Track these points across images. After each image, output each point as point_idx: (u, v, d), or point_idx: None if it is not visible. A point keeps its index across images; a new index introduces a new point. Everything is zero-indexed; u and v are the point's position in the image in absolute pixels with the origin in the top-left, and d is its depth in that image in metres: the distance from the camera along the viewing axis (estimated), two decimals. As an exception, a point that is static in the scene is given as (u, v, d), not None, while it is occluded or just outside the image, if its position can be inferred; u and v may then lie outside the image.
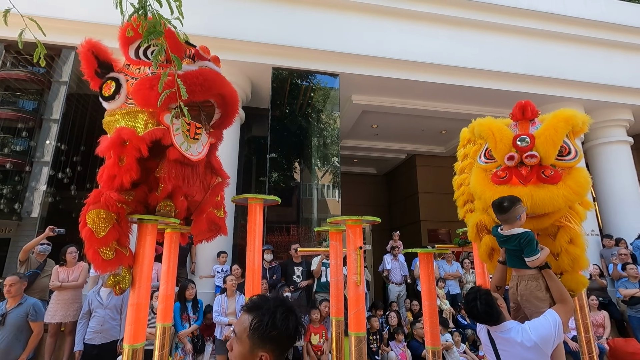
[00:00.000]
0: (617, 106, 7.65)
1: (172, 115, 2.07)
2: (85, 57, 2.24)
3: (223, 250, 5.49)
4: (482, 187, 2.22)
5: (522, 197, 2.06)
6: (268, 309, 1.09)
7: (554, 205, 2.04)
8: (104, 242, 1.98)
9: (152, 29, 1.61)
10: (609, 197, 7.60)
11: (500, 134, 2.23)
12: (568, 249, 2.25)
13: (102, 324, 3.87)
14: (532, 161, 2.13)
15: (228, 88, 2.23)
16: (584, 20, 7.27)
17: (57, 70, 6.49)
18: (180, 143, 2.09)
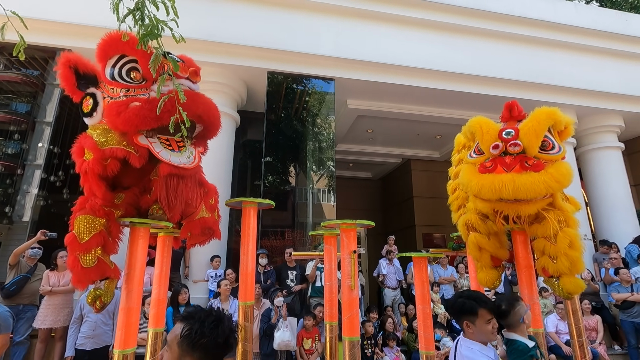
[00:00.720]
0: (608, 112, 7.77)
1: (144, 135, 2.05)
2: (63, 73, 2.22)
3: (217, 255, 5.46)
4: (469, 176, 2.32)
5: (504, 182, 2.13)
6: (199, 318, 1.16)
7: (534, 190, 2.10)
8: (85, 247, 1.95)
9: (149, 31, 1.61)
10: (601, 202, 7.68)
11: (487, 127, 2.38)
12: (567, 252, 2.29)
13: (94, 329, 3.81)
14: (515, 149, 2.24)
15: (203, 107, 2.18)
16: (575, 28, 7.39)
17: (52, 73, 6.45)
18: (168, 157, 2.07)
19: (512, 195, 2.12)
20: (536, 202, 2.21)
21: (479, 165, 2.32)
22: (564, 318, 5.21)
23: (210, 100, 2.26)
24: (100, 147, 2.02)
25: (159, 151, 2.06)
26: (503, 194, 2.14)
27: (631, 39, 7.65)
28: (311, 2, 6.37)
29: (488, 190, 2.19)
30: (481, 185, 2.22)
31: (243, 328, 2.39)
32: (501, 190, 2.14)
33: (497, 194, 2.16)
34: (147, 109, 1.95)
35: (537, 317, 2.48)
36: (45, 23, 5.58)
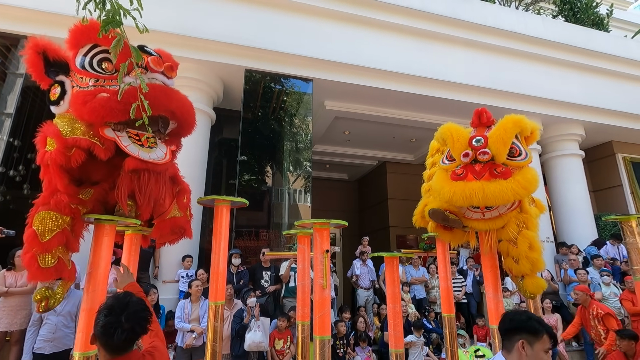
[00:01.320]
0: (571, 121, 8.21)
1: (112, 128, 1.98)
2: (31, 58, 2.10)
3: (189, 255, 5.33)
4: (442, 183, 2.41)
5: (474, 190, 2.22)
6: (100, 310, 1.38)
7: (503, 197, 2.21)
8: (46, 247, 1.84)
9: (111, 19, 1.56)
10: (563, 206, 8.10)
11: (457, 135, 2.46)
12: (528, 255, 2.43)
13: (54, 331, 3.62)
14: (484, 157, 2.34)
15: (177, 103, 2.11)
16: (543, 41, 7.77)
17: (14, 62, 6.10)
18: (137, 152, 1.99)
19: (482, 203, 2.23)
20: (505, 216, 2.33)
21: (450, 173, 2.41)
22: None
23: (185, 97, 2.20)
24: (64, 137, 1.92)
25: (126, 145, 1.98)
26: (473, 201, 2.24)
27: (593, 53, 8.13)
28: (291, 1, 6.36)
29: (459, 198, 2.28)
30: (453, 192, 2.31)
31: (213, 328, 2.35)
32: (472, 197, 2.23)
33: (467, 201, 2.25)
34: (114, 101, 1.87)
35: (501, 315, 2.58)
36: (8, 8, 5.27)
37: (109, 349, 1.34)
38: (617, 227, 7.95)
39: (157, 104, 1.95)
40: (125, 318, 1.33)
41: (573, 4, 9.71)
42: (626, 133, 8.76)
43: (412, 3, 6.91)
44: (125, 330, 1.32)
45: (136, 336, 1.38)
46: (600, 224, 8.18)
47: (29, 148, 6.79)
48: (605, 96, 8.23)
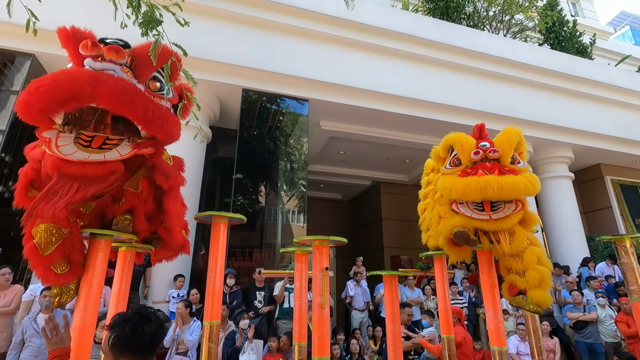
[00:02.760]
0: (560, 144, 8.41)
1: (57, 129, 1.79)
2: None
3: (181, 274, 5.20)
4: (451, 180, 2.42)
5: (489, 181, 2.25)
6: (121, 323, 1.32)
7: (517, 189, 2.23)
8: (49, 260, 1.77)
9: (150, 18, 1.56)
10: (554, 228, 8.18)
11: (465, 138, 2.57)
12: (536, 267, 2.40)
13: (36, 355, 3.45)
14: (495, 155, 2.42)
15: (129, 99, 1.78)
16: (531, 66, 8.06)
17: (9, 77, 6.08)
18: (70, 153, 1.75)
19: (497, 194, 2.22)
20: (512, 217, 2.33)
21: (459, 172, 2.44)
22: (524, 339, 5.37)
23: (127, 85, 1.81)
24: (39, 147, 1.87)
25: (61, 145, 1.75)
26: (488, 193, 2.23)
27: (578, 79, 8.45)
28: (288, 25, 6.53)
29: (473, 190, 2.26)
30: (466, 184, 2.30)
31: (207, 349, 2.27)
32: (486, 189, 2.23)
33: (482, 192, 2.24)
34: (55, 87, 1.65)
35: (501, 336, 2.54)
36: (2, 25, 5.28)
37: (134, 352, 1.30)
38: (609, 248, 8.03)
39: (104, 100, 1.71)
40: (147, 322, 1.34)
41: (558, 32, 10.17)
42: (613, 156, 9.00)
43: (406, 29, 7.16)
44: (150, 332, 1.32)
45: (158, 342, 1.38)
46: (592, 245, 8.24)
47: (20, 164, 6.69)
48: (592, 120, 8.49)
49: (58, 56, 5.48)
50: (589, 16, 17.46)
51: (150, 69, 2.05)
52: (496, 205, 2.37)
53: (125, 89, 1.77)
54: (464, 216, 2.48)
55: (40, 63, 5.74)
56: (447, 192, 2.46)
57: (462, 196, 2.34)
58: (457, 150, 2.55)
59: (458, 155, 2.53)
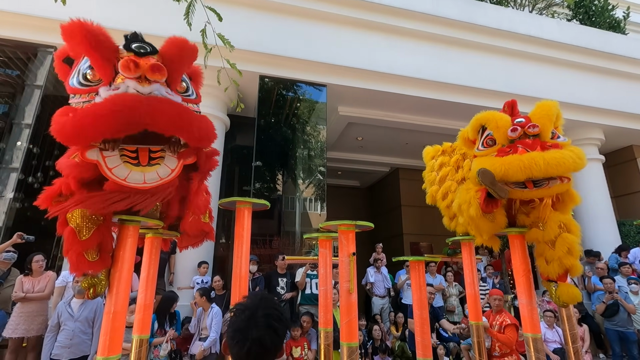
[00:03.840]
0: (590, 125, 8.02)
1: (97, 149, 1.73)
2: (58, 68, 2.03)
3: (204, 261, 5.29)
4: (490, 162, 2.19)
5: (534, 158, 2.04)
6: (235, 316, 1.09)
7: (565, 164, 2.03)
8: (87, 245, 1.78)
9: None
10: (585, 212, 7.86)
11: (499, 116, 2.34)
12: (562, 259, 2.26)
13: (71, 338, 3.58)
14: (534, 130, 2.19)
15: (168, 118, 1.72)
16: (559, 44, 7.65)
17: (33, 71, 6.20)
18: (127, 174, 1.75)
19: (544, 171, 2.01)
20: (557, 186, 2.14)
21: (496, 152, 2.26)
22: (551, 326, 5.24)
23: (180, 108, 1.80)
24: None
25: (112, 167, 1.74)
26: (534, 171, 2.02)
27: (610, 56, 7.98)
28: (305, 8, 6.39)
29: (517, 169, 2.05)
30: (508, 164, 2.08)
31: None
32: (531, 167, 2.02)
33: (526, 171, 2.03)
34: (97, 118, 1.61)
35: (535, 323, 2.46)
36: (26, 18, 5.36)
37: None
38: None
39: (143, 120, 1.65)
40: (254, 324, 1.05)
41: (588, 7, 9.59)
42: (647, 137, 8.53)
43: (426, 8, 6.88)
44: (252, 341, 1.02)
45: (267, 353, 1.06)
46: (623, 230, 7.91)
47: (47, 156, 6.89)
48: (624, 99, 8.04)
49: (78, 47, 5.54)
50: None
51: (178, 72, 1.95)
52: (539, 183, 2.15)
53: (181, 114, 1.76)
54: None
55: (62, 55, 5.80)
56: (487, 172, 2.22)
57: (505, 177, 2.11)
58: (490, 129, 2.35)
59: (492, 135, 2.35)
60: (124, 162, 1.75)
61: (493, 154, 2.27)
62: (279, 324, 1.07)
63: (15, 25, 5.41)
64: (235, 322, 1.07)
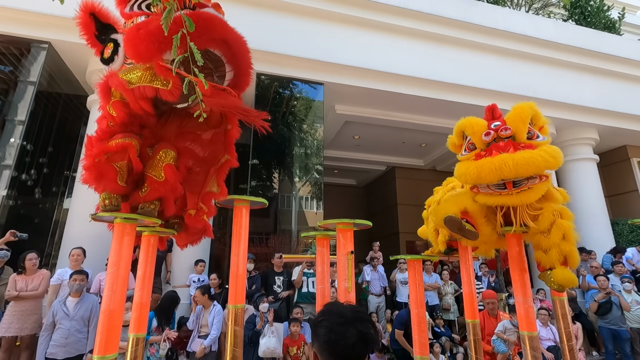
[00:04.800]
0: (585, 125, 8.09)
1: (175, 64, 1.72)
2: (84, 21, 2.04)
3: (201, 259, 5.27)
4: (466, 165, 2.29)
5: (503, 160, 2.10)
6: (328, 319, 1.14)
7: (534, 164, 2.07)
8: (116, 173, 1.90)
9: None
10: (578, 211, 7.89)
11: (476, 121, 2.42)
12: (560, 245, 2.30)
13: (66, 336, 3.55)
14: (506, 132, 2.26)
15: (232, 34, 1.89)
16: (555, 44, 7.70)
17: (26, 67, 6.10)
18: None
19: (514, 172, 2.07)
20: (536, 188, 2.20)
21: (474, 157, 2.33)
22: (545, 324, 5.29)
23: (237, 32, 1.95)
24: (129, 89, 1.81)
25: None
26: (504, 172, 2.09)
27: (605, 56, 8.04)
28: (302, 6, 6.36)
29: (488, 171, 2.13)
30: (480, 166, 2.17)
31: (233, 332, 2.27)
32: (501, 168, 2.09)
33: (497, 173, 2.11)
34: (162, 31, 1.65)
35: (531, 321, 2.47)
36: (19, 12, 5.26)
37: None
38: (634, 233, 7.78)
39: (209, 29, 1.73)
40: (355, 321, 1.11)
41: (584, 7, 9.65)
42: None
43: (423, 7, 6.89)
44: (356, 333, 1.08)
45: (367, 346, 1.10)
46: (617, 229, 7.99)
47: (41, 153, 6.82)
48: (619, 99, 8.11)
49: (74, 44, 5.47)
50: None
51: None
52: (518, 182, 2.21)
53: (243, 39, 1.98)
54: (485, 194, 2.35)
55: (57, 51, 5.73)
56: (463, 178, 2.34)
57: (478, 179, 2.19)
58: (468, 134, 2.43)
59: (472, 140, 2.42)
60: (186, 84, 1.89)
61: (472, 158, 2.33)
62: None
63: (8, 20, 5.33)
64: (331, 324, 1.11)
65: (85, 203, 5.02)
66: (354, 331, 1.09)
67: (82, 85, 6.47)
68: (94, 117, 5.80)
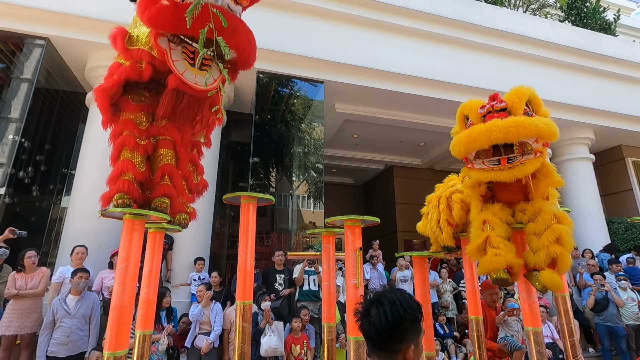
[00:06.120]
0: (581, 125, 8.18)
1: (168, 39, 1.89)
2: None
3: (201, 257, 5.25)
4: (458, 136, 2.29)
5: (493, 123, 2.10)
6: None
7: (525, 126, 2.04)
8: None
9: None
10: (574, 210, 8.01)
11: (474, 100, 2.41)
12: (549, 248, 2.26)
13: (68, 334, 3.52)
14: (501, 105, 2.23)
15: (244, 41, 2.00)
16: (552, 44, 7.77)
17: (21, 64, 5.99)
18: (183, 70, 1.90)
19: (503, 133, 2.05)
20: (528, 162, 2.18)
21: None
22: (543, 321, 5.35)
23: (249, 31, 2.09)
24: (128, 49, 1.94)
25: (175, 60, 1.90)
26: (493, 134, 2.07)
27: (601, 57, 8.13)
28: (303, 4, 6.36)
29: (477, 134, 2.12)
30: (470, 132, 2.17)
31: (241, 329, 2.27)
32: (491, 130, 2.07)
33: (487, 135, 2.09)
34: (169, 12, 1.77)
35: (536, 317, 2.50)
36: (13, 7, 5.16)
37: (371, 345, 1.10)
38: (629, 231, 7.89)
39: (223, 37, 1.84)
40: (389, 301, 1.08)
41: (580, 9, 9.76)
42: (635, 137, 8.73)
43: (423, 6, 6.92)
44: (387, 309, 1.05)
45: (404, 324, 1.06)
46: (612, 227, 8.10)
47: (38, 150, 6.75)
48: (614, 100, 8.21)
49: (73, 40, 5.42)
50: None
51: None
52: (513, 157, 2.20)
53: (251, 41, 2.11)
54: (478, 170, 2.35)
55: (55, 47, 5.66)
56: (456, 147, 2.33)
57: (469, 144, 2.18)
58: (466, 112, 2.41)
59: (471, 120, 2.41)
60: (183, 58, 1.92)
61: None
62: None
63: (6, 15, 5.24)
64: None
65: (85, 200, 4.99)
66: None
67: (81, 82, 6.40)
68: (93, 114, 5.74)
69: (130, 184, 2.00)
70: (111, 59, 2.27)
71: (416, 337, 1.09)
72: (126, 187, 1.98)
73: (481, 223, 2.36)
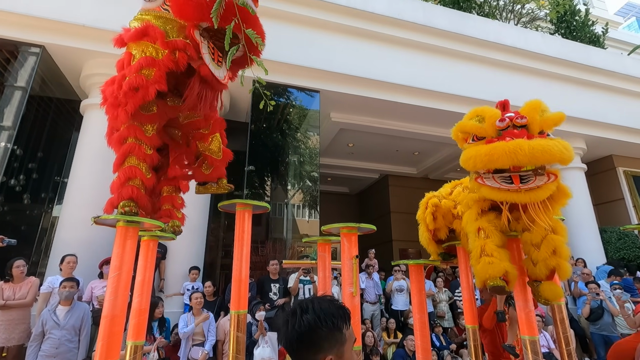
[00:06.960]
0: (572, 135, 8.29)
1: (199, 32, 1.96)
2: None
3: (195, 266, 5.18)
4: (476, 149, 2.15)
5: (519, 144, 2.00)
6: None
7: (551, 152, 1.96)
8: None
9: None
10: (568, 220, 7.99)
11: (490, 109, 2.34)
12: (548, 260, 2.27)
13: (57, 346, 3.43)
14: (522, 121, 2.16)
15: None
16: (543, 56, 7.93)
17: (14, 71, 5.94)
18: (209, 63, 2.01)
19: (529, 157, 1.95)
20: (545, 187, 2.10)
21: (485, 141, 2.20)
22: (539, 330, 5.33)
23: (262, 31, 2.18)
24: (167, 41, 1.96)
25: (204, 53, 2.00)
26: (519, 156, 1.97)
27: (591, 69, 8.31)
28: (299, 15, 6.44)
29: (501, 154, 2.00)
30: (492, 149, 2.04)
31: (235, 339, 2.23)
32: (516, 152, 1.96)
33: (511, 156, 1.98)
34: (207, 3, 1.82)
35: (532, 325, 2.49)
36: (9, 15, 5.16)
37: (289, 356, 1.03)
38: (622, 240, 7.95)
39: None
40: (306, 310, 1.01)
41: (569, 22, 10.00)
42: (626, 147, 8.88)
43: (417, 18, 7.04)
44: (302, 322, 0.98)
45: (320, 333, 0.98)
46: (605, 237, 8.16)
47: (30, 158, 6.67)
48: (604, 110, 8.37)
49: (68, 47, 5.42)
50: (598, 6, 17.22)
51: None
52: (526, 177, 2.10)
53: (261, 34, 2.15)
54: (491, 188, 2.22)
55: (50, 55, 5.65)
56: (472, 161, 2.18)
57: (489, 163, 2.06)
58: (482, 115, 2.30)
59: (479, 131, 2.37)
60: (208, 52, 2.03)
61: (483, 143, 2.26)
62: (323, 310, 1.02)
63: (1, 23, 5.23)
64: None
65: (77, 209, 4.92)
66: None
67: (75, 89, 6.38)
68: (87, 122, 5.71)
69: (138, 190, 1.98)
70: (107, 67, 2.27)
71: (335, 346, 1.00)
72: (135, 193, 1.97)
73: (476, 231, 2.35)
